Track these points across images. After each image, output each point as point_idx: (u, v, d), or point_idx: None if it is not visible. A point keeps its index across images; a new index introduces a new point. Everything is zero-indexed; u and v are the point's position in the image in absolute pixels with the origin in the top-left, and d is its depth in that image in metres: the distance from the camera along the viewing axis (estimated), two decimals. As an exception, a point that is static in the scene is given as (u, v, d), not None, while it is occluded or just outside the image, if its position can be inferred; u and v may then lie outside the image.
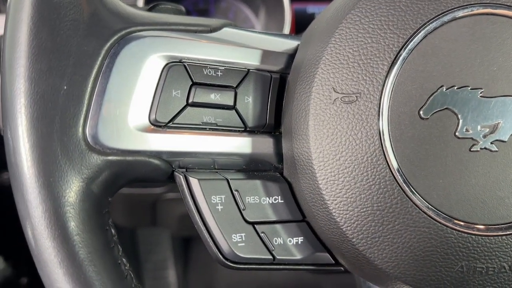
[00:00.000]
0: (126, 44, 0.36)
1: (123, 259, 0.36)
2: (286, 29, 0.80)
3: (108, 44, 0.35)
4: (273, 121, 0.39)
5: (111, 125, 0.35)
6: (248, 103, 0.38)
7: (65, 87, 0.33)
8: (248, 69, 0.39)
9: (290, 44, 0.41)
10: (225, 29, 0.40)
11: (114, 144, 0.35)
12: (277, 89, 0.39)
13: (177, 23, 0.38)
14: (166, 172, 0.37)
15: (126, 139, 0.35)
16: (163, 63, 0.37)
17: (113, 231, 0.36)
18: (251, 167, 0.39)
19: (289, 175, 0.39)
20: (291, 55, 0.40)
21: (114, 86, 0.35)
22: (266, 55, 0.40)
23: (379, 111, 0.35)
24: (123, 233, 1.11)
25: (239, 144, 0.39)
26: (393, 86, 0.35)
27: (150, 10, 0.42)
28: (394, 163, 0.35)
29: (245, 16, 0.96)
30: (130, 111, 0.36)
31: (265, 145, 0.39)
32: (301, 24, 0.90)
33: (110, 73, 0.35)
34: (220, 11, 0.94)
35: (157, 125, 0.37)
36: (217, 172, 0.38)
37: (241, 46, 0.39)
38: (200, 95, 0.37)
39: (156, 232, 1.14)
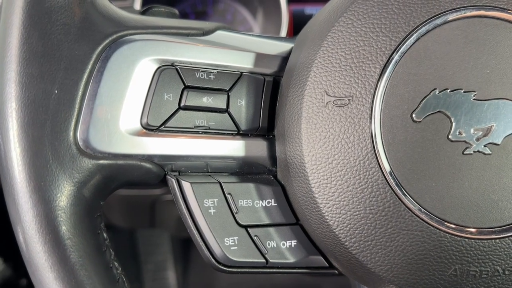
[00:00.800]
0: (117, 48, 0.36)
1: (115, 263, 0.36)
2: (283, 31, 0.80)
3: (100, 48, 0.35)
4: (267, 124, 0.39)
5: (102, 129, 0.35)
6: (241, 106, 0.38)
7: (56, 92, 0.33)
8: (241, 72, 0.39)
9: (284, 46, 0.41)
10: (218, 32, 0.40)
11: (106, 148, 0.35)
12: (271, 92, 0.39)
13: (169, 27, 0.38)
14: (158, 175, 0.37)
15: (117, 143, 0.35)
16: (155, 66, 0.37)
17: (105, 235, 0.36)
18: (244, 170, 0.39)
19: (283, 178, 0.39)
20: (285, 58, 0.40)
21: (105, 90, 0.35)
22: (260, 58, 0.40)
23: (371, 115, 0.35)
24: (122, 235, 1.11)
25: (232, 147, 0.38)
26: (386, 89, 0.35)
27: (143, 13, 0.42)
28: (386, 166, 0.34)
29: (243, 17, 0.96)
30: (122, 115, 0.36)
31: (259, 148, 0.39)
32: (299, 25, 0.89)
33: (101, 77, 0.35)
34: (218, 13, 0.94)
35: (149, 129, 0.37)
36: (210, 175, 0.38)
37: (234, 49, 0.39)
38: (192, 99, 0.37)
39: (155, 233, 1.14)
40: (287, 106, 0.37)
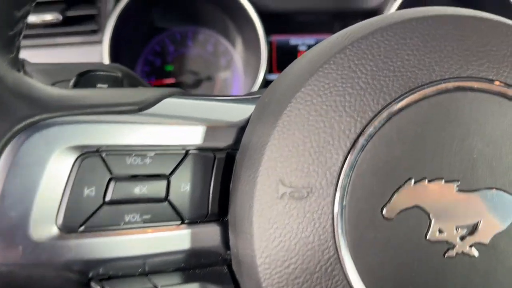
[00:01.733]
0: (28, 137, 0.30)
1: None
2: (263, 64, 0.75)
3: (4, 139, 0.29)
4: (217, 208, 0.33)
5: (8, 237, 0.29)
6: (185, 192, 0.33)
7: None
8: (187, 150, 0.33)
9: (243, 111, 0.35)
10: (166, 101, 0.34)
11: (13, 259, 0.29)
12: (223, 169, 0.34)
13: (96, 105, 0.32)
14: (80, 283, 0.31)
15: (27, 251, 0.29)
16: (75, 155, 0.31)
17: None
18: (192, 263, 0.34)
19: (237, 271, 0.33)
20: (242, 128, 0.35)
21: (11, 190, 0.29)
22: (211, 129, 0.34)
23: (333, 210, 0.29)
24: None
25: (175, 240, 0.33)
26: (350, 180, 0.29)
27: (80, 76, 0.36)
28: (353, 274, 0.29)
29: (224, 48, 0.91)
30: (32, 217, 0.30)
31: (209, 235, 0.33)
32: (283, 56, 0.85)
33: (5, 175, 0.29)
34: (198, 44, 0.89)
35: (66, 231, 0.31)
36: (146, 277, 0.33)
37: (179, 124, 0.33)
38: (120, 191, 0.31)
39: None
40: (238, 192, 0.31)
